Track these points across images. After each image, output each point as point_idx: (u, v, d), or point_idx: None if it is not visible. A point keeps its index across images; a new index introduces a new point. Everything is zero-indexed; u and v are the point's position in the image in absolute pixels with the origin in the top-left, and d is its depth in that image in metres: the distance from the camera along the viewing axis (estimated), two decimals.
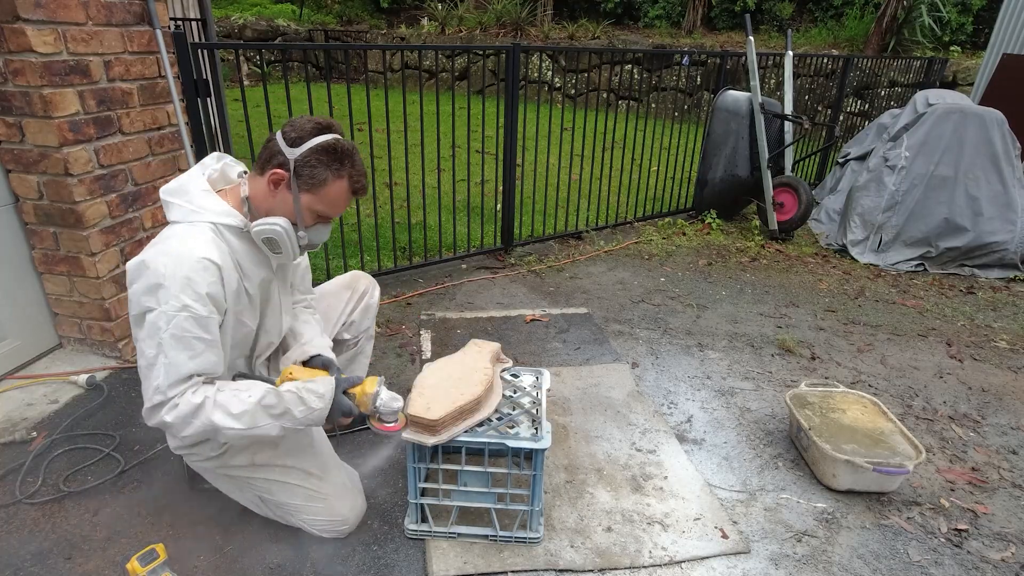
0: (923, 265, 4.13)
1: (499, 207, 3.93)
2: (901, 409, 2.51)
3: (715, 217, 4.79)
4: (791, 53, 4.64)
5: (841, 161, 5.05)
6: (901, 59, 6.97)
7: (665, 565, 1.68)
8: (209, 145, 2.65)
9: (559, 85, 10.06)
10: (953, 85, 7.64)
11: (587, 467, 2.05)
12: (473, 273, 3.67)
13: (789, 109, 4.60)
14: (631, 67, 9.36)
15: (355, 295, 2.02)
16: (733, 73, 7.82)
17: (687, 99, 8.85)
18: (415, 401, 1.57)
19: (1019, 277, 4.03)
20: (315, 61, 11.23)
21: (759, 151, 4.44)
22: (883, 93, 6.96)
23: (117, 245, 2.39)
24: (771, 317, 3.29)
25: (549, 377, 1.85)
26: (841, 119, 6.05)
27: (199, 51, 2.59)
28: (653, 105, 8.61)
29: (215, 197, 1.44)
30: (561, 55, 9.32)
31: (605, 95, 7.87)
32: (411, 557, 1.66)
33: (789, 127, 4.61)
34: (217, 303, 1.39)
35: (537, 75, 9.69)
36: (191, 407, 1.34)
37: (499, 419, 1.65)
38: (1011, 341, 3.17)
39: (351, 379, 1.53)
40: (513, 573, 1.63)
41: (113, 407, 2.23)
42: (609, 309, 3.27)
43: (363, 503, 1.76)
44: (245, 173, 1.53)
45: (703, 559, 1.71)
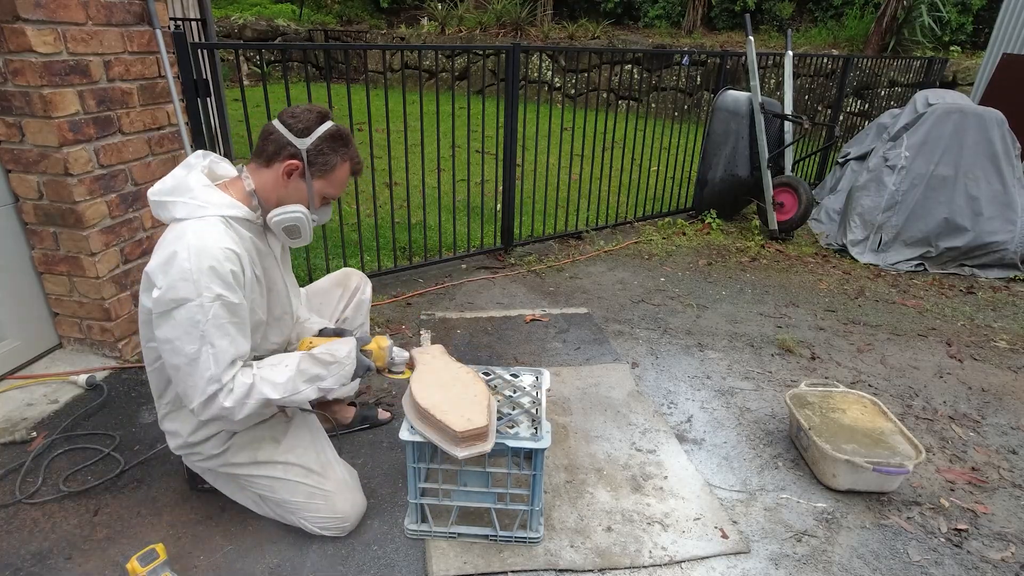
0: (923, 265, 4.13)
1: (499, 207, 3.93)
2: (901, 409, 2.51)
3: (715, 217, 4.79)
4: (791, 53, 4.64)
5: (841, 161, 5.05)
6: (901, 59, 6.97)
7: (665, 565, 1.68)
8: (209, 145, 2.65)
9: (559, 85, 10.06)
10: (953, 85, 7.64)
11: (587, 467, 2.05)
12: (473, 273, 3.67)
13: (789, 109, 4.60)
14: (631, 67, 9.36)
15: (347, 292, 2.04)
16: (733, 73, 7.82)
17: (687, 99, 8.85)
18: (452, 419, 1.49)
19: (1019, 277, 4.03)
20: (315, 61, 11.24)
21: (759, 151, 4.44)
22: (883, 93, 6.96)
23: (117, 245, 2.39)
24: (771, 317, 3.29)
25: (549, 377, 1.85)
26: (841, 119, 6.04)
27: (199, 51, 2.59)
28: (653, 105, 8.61)
29: (218, 191, 1.47)
30: (561, 55, 9.32)
31: (605, 95, 7.86)
32: (411, 557, 1.66)
33: (789, 127, 4.62)
34: (241, 289, 1.44)
35: (537, 75, 9.70)
36: (245, 388, 1.41)
37: (499, 419, 1.65)
38: (1011, 341, 3.17)
39: (363, 339, 1.65)
40: (513, 573, 1.63)
41: (113, 407, 2.23)
42: (609, 309, 3.27)
43: (363, 501, 1.76)
44: (243, 168, 1.57)
45: (703, 559, 1.71)
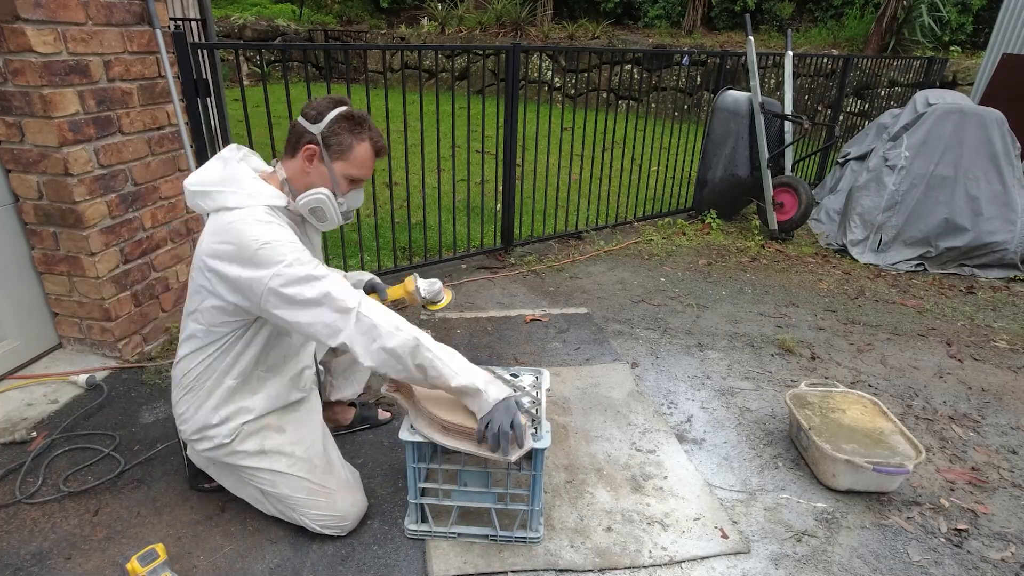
0: (923, 265, 4.13)
1: (499, 207, 3.93)
2: (901, 409, 2.51)
3: (715, 217, 4.79)
4: (791, 53, 4.64)
5: (841, 161, 5.05)
6: (901, 59, 6.96)
7: (665, 565, 1.68)
8: (209, 145, 2.65)
9: (559, 85, 10.06)
10: (953, 85, 7.64)
11: (587, 467, 2.05)
12: (473, 273, 3.67)
13: (789, 109, 4.59)
14: (631, 67, 9.36)
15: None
16: (733, 73, 7.83)
17: (687, 99, 8.85)
18: (447, 416, 1.55)
19: (1019, 277, 4.03)
20: (315, 61, 11.23)
21: (759, 151, 4.44)
22: (883, 93, 6.96)
23: (117, 245, 2.39)
24: (771, 317, 3.29)
25: (549, 377, 1.85)
26: (841, 119, 6.04)
27: (199, 51, 2.59)
28: (653, 105, 8.62)
29: (263, 182, 1.54)
30: (561, 55, 9.32)
31: (605, 95, 7.86)
32: (411, 557, 1.66)
33: (789, 127, 4.61)
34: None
35: (537, 75, 9.70)
36: (370, 299, 1.48)
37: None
38: (1011, 341, 3.17)
39: (385, 289, 1.89)
40: (513, 573, 1.63)
41: (113, 407, 2.23)
42: (609, 309, 3.27)
43: (364, 501, 1.76)
44: (276, 161, 1.63)
45: (703, 559, 1.71)
